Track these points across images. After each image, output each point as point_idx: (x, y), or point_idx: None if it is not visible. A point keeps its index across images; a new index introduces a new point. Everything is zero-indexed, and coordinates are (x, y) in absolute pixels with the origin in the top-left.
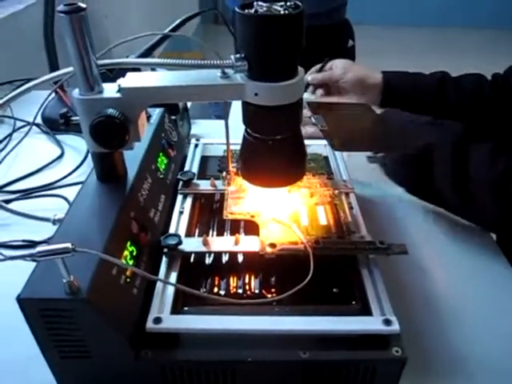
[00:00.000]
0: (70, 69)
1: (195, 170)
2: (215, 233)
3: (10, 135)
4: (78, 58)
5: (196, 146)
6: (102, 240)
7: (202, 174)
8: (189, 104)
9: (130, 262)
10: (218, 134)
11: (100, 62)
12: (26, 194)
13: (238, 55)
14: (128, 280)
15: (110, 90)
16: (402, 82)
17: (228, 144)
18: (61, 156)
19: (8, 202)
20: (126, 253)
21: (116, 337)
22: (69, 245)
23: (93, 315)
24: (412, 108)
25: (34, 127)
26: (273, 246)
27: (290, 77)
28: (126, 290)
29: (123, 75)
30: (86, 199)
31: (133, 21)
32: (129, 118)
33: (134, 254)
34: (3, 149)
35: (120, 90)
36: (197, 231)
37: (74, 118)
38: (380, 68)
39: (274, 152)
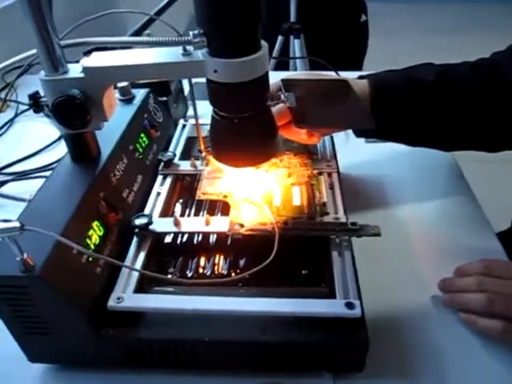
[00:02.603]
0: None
1: (179, 150)
2: (192, 213)
3: (12, 119)
4: (39, 39)
5: (184, 126)
6: (63, 219)
7: (187, 154)
8: (187, 86)
9: (96, 242)
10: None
11: (63, 42)
12: (20, 176)
13: (196, 31)
14: (90, 259)
15: (74, 70)
16: (394, 84)
17: (198, 124)
18: (60, 138)
19: (2, 183)
20: (92, 232)
21: (74, 315)
22: (17, 223)
23: (48, 292)
24: (410, 109)
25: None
26: (241, 226)
27: (251, 52)
28: (87, 269)
29: None
30: (57, 179)
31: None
32: (92, 98)
33: (101, 233)
34: (6, 132)
35: (83, 69)
36: (174, 212)
37: (42, 99)
38: (395, 49)
39: (240, 131)
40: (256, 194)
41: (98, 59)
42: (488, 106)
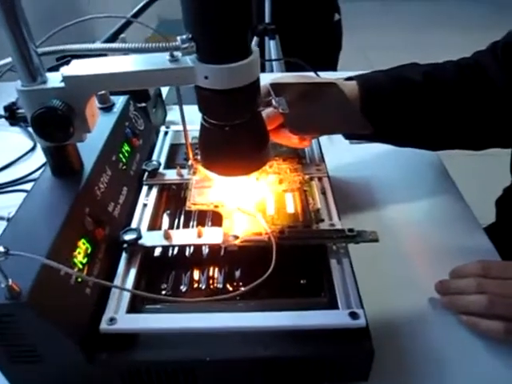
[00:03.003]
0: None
1: (163, 159)
2: (181, 225)
3: None
4: (14, 47)
5: (166, 133)
6: (48, 239)
7: (172, 163)
8: (165, 90)
9: (84, 260)
10: (197, 120)
11: (40, 50)
12: None
13: (184, 36)
14: (79, 280)
15: (54, 79)
16: (382, 84)
17: (186, 131)
18: (33, 149)
19: None
20: (79, 251)
21: (65, 340)
22: (1, 248)
23: (36, 319)
24: (398, 110)
25: (3, 120)
26: (235, 237)
27: (241, 57)
28: (76, 291)
29: None
30: (38, 196)
31: (116, 4)
32: (74, 109)
33: (89, 251)
34: None
35: (63, 79)
36: (162, 224)
37: (19, 111)
38: (367, 46)
39: (231, 139)
40: (248, 203)
41: (78, 67)
42: (473, 105)
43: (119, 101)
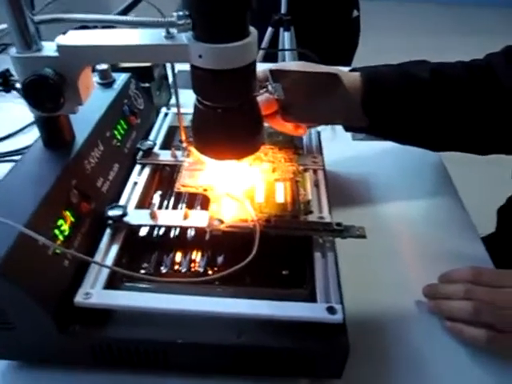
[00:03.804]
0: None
1: (160, 139)
2: (170, 206)
3: None
4: (10, 14)
5: (166, 115)
6: (30, 207)
7: (168, 144)
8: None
9: (66, 233)
10: None
11: (37, 18)
12: None
13: (181, 13)
14: (58, 251)
15: (49, 48)
16: (387, 77)
17: (179, 113)
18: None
19: None
20: (61, 222)
21: (38, 310)
22: None
23: (9, 286)
24: (402, 105)
25: (13, 92)
26: (221, 222)
27: (238, 38)
28: (54, 262)
29: None
30: (27, 164)
31: None
32: (67, 79)
33: (72, 224)
34: None
35: (57, 48)
36: (151, 204)
37: (12, 78)
38: (384, 47)
39: (223, 121)
40: (238, 189)
41: (74, 38)
42: (480, 107)
43: (120, 78)
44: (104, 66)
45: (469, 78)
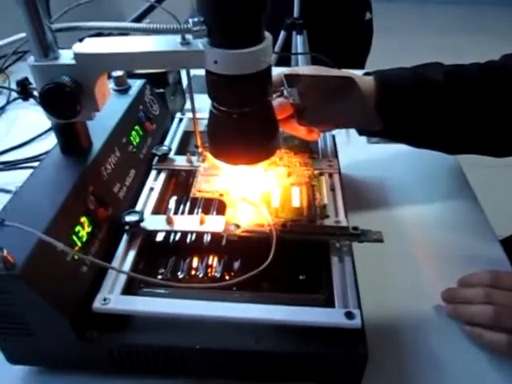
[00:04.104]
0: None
1: (175, 145)
2: (186, 211)
3: (3, 107)
4: (29, 23)
5: (181, 120)
6: (49, 214)
7: (183, 149)
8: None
9: (83, 239)
10: None
11: (54, 26)
12: (9, 166)
13: (196, 19)
14: (76, 257)
15: (66, 56)
16: (401, 80)
17: (195, 118)
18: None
19: None
20: (79, 229)
21: (56, 315)
22: None
23: (28, 292)
24: (417, 108)
25: (30, 99)
26: (237, 227)
27: (253, 43)
28: (72, 268)
29: None
30: (45, 171)
31: None
32: (83, 86)
33: (89, 230)
34: None
35: (74, 56)
36: (167, 209)
37: (31, 86)
38: (398, 49)
39: (239, 126)
40: (254, 194)
41: (90, 45)
42: (496, 109)
43: (136, 84)
44: (119, 73)
45: (484, 80)
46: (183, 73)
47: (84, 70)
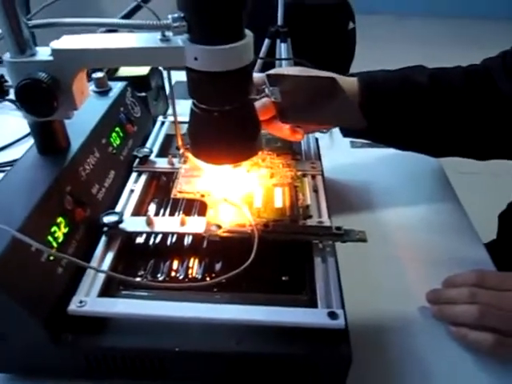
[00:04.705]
0: None
1: (157, 147)
2: (167, 213)
3: None
4: (4, 19)
5: (162, 123)
6: (23, 213)
7: (165, 152)
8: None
9: (60, 239)
10: None
11: (31, 22)
12: None
13: (176, 15)
14: (51, 258)
15: (43, 53)
16: (385, 81)
17: (176, 120)
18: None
19: None
20: (55, 229)
21: (29, 318)
22: None
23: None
24: (400, 110)
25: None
26: (218, 227)
27: (233, 40)
28: (47, 269)
29: None
30: (21, 171)
31: None
32: (61, 83)
33: (66, 230)
34: None
35: (51, 52)
36: (148, 211)
37: (6, 84)
38: (382, 59)
39: (220, 124)
40: (236, 195)
41: (68, 42)
42: (478, 112)
43: (117, 86)
44: (100, 75)
45: (466, 83)
46: (166, 77)
47: (61, 66)
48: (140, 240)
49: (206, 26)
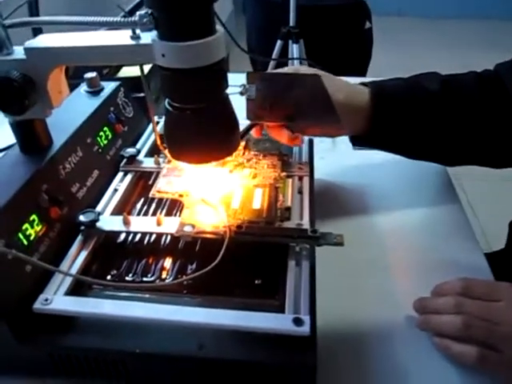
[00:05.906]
0: None
1: (147, 147)
2: (149, 213)
3: None
4: None
5: (157, 123)
6: None
7: (156, 152)
8: None
9: (31, 237)
10: None
11: (6, 22)
12: None
13: (144, 12)
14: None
15: (19, 52)
16: (397, 90)
17: (153, 119)
18: None
19: None
20: (27, 226)
21: None
22: None
23: None
24: (412, 118)
25: None
26: (193, 228)
27: (201, 36)
28: (14, 267)
29: None
30: (0, 169)
31: None
32: (35, 82)
33: (39, 228)
34: None
35: (25, 50)
36: (130, 211)
37: None
38: (402, 62)
39: (193, 123)
40: (215, 195)
41: (42, 41)
42: (491, 119)
43: (109, 86)
44: (92, 75)
45: (479, 89)
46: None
47: (35, 64)
48: (118, 239)
49: (172, 22)
